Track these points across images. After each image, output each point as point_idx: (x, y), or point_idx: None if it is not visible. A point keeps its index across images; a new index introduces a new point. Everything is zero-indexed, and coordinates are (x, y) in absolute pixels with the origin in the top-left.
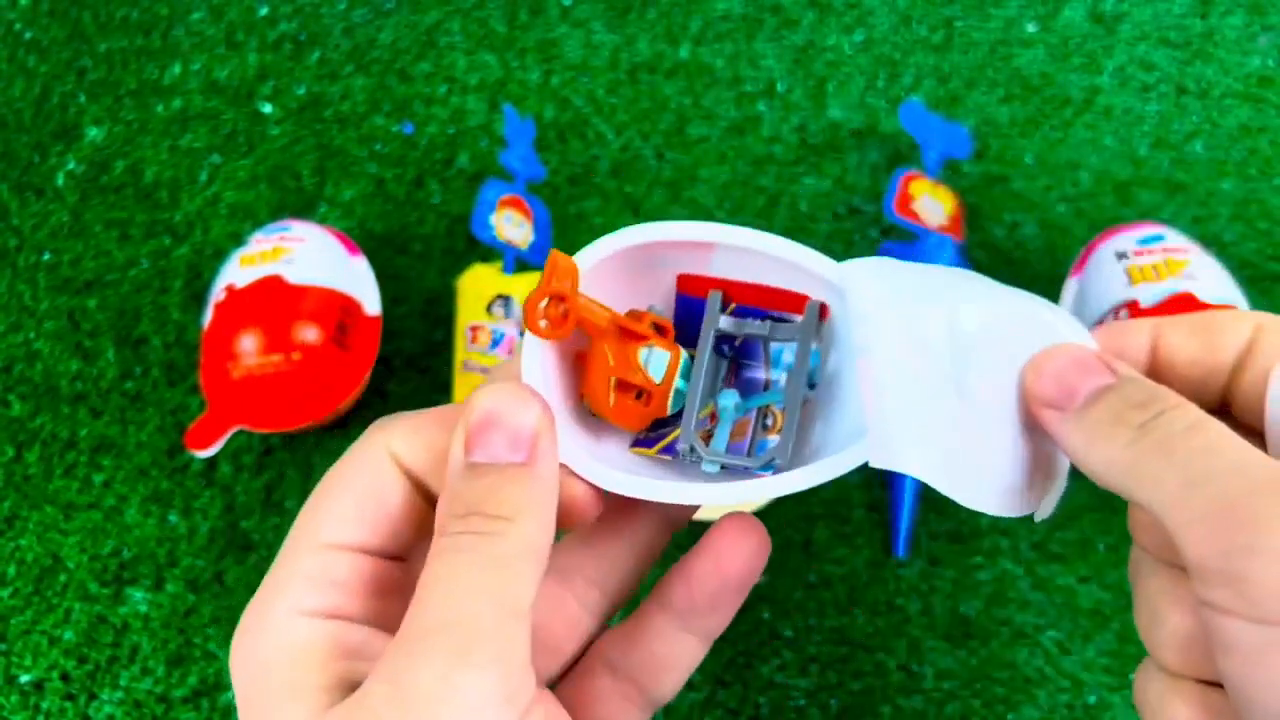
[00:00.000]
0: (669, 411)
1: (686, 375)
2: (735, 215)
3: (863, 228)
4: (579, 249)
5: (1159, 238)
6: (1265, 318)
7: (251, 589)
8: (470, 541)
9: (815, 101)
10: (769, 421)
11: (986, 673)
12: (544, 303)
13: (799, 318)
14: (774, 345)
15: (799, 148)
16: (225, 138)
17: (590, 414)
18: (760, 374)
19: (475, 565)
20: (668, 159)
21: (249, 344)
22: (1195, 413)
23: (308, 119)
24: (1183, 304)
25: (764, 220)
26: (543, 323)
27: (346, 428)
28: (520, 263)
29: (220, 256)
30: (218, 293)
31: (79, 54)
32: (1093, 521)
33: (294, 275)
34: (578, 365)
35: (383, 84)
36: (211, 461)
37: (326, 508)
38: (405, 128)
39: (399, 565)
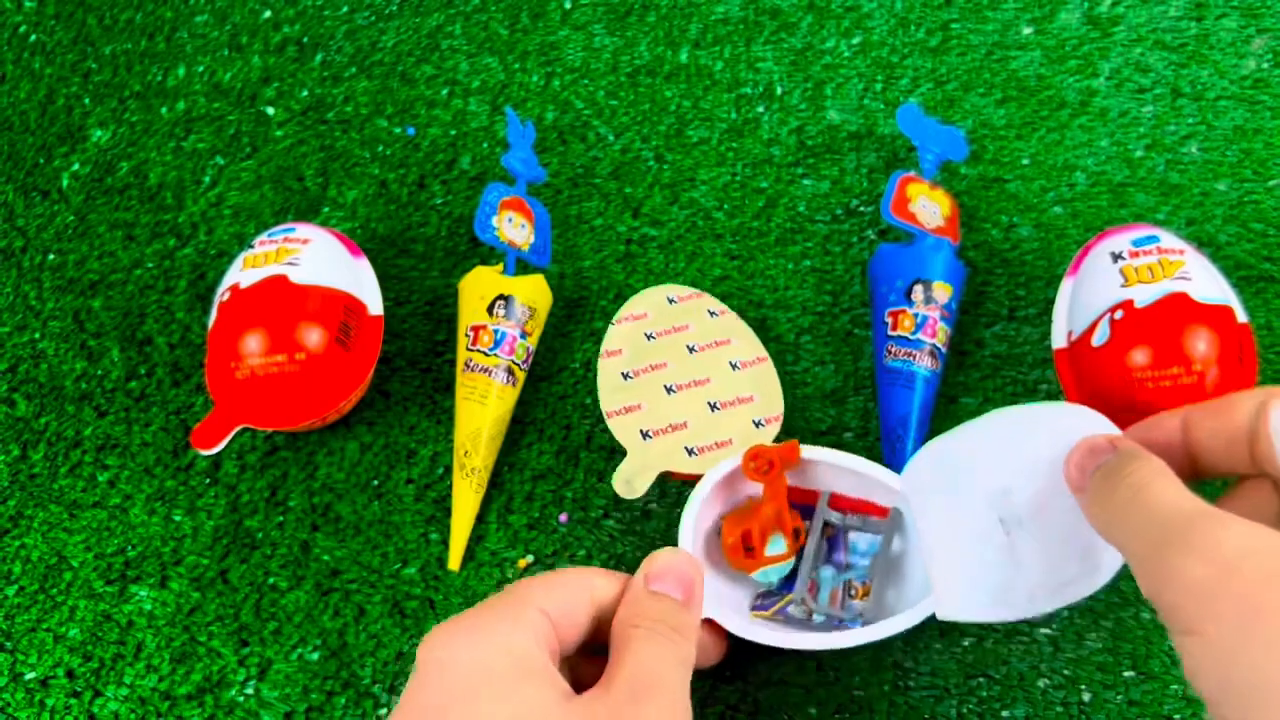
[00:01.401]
0: (753, 574)
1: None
2: (734, 217)
3: (860, 229)
4: (580, 249)
5: (1154, 239)
6: (1273, 391)
7: (256, 586)
8: (665, 633)
9: (813, 104)
10: (853, 591)
11: (980, 670)
12: (754, 463)
13: (874, 517)
14: (851, 536)
15: (797, 150)
16: (229, 140)
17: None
18: (841, 557)
19: (673, 658)
20: (667, 161)
21: (253, 344)
22: (1148, 471)
23: (311, 121)
24: (1177, 304)
25: (762, 221)
26: (752, 464)
27: (350, 426)
28: (521, 264)
29: (224, 258)
30: (222, 293)
31: (84, 57)
32: None
33: (298, 276)
34: (711, 536)
35: (385, 87)
36: (216, 460)
37: (547, 588)
38: (408, 130)
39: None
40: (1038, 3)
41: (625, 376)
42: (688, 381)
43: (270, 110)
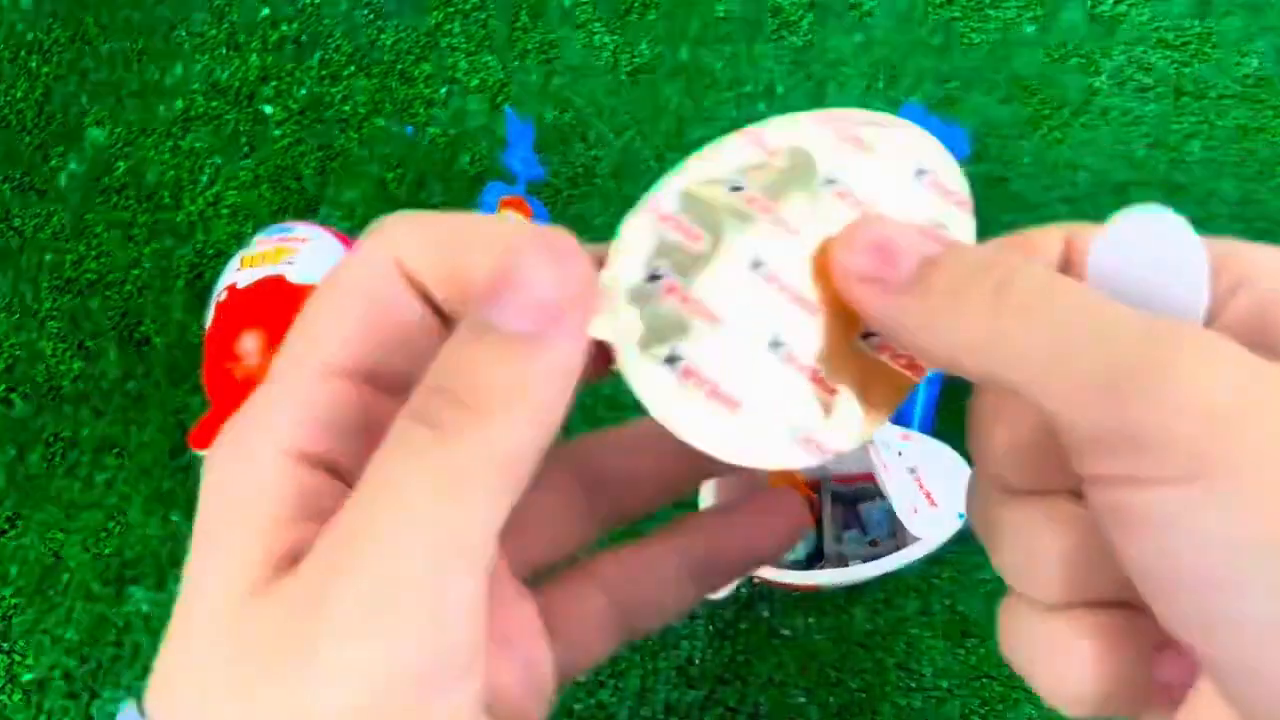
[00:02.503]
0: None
1: None
2: None
3: None
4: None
5: None
6: (1077, 228)
7: None
8: (422, 437)
9: (815, 103)
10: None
11: (985, 671)
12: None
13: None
14: (863, 507)
15: None
16: (227, 139)
17: None
18: (857, 532)
19: (418, 476)
20: (668, 160)
21: (251, 344)
22: (1047, 269)
23: (309, 120)
24: None
25: None
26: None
27: None
28: None
29: (222, 257)
30: (219, 293)
31: (81, 55)
32: None
33: (295, 276)
34: None
35: (384, 85)
36: None
37: (326, 324)
38: (407, 129)
39: (388, 388)
40: (1040, 1)
41: None
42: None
43: (268, 109)
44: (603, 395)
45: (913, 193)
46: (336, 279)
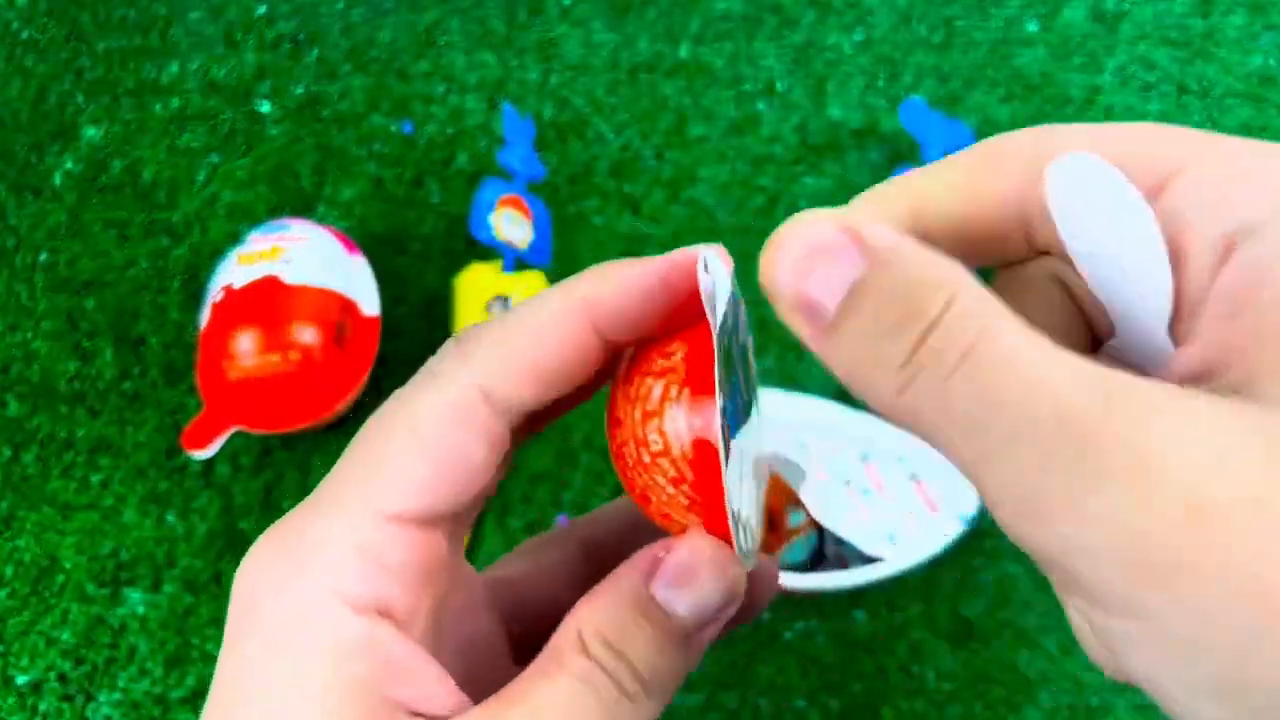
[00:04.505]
0: (777, 552)
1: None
2: (735, 215)
3: None
4: (579, 249)
5: None
6: (1045, 136)
7: None
8: (611, 695)
9: (815, 101)
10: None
11: (988, 674)
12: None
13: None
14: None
15: (799, 147)
16: (224, 137)
17: None
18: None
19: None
20: (667, 158)
21: (246, 344)
22: (973, 320)
23: (306, 118)
24: None
25: (764, 220)
26: None
27: (346, 428)
28: (519, 262)
29: (219, 256)
30: (215, 292)
31: (77, 53)
32: None
33: (291, 275)
34: None
35: (381, 83)
36: (210, 462)
37: (394, 465)
38: (404, 127)
39: (444, 531)
40: None
41: None
42: None
43: (265, 107)
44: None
45: None
46: (414, 410)
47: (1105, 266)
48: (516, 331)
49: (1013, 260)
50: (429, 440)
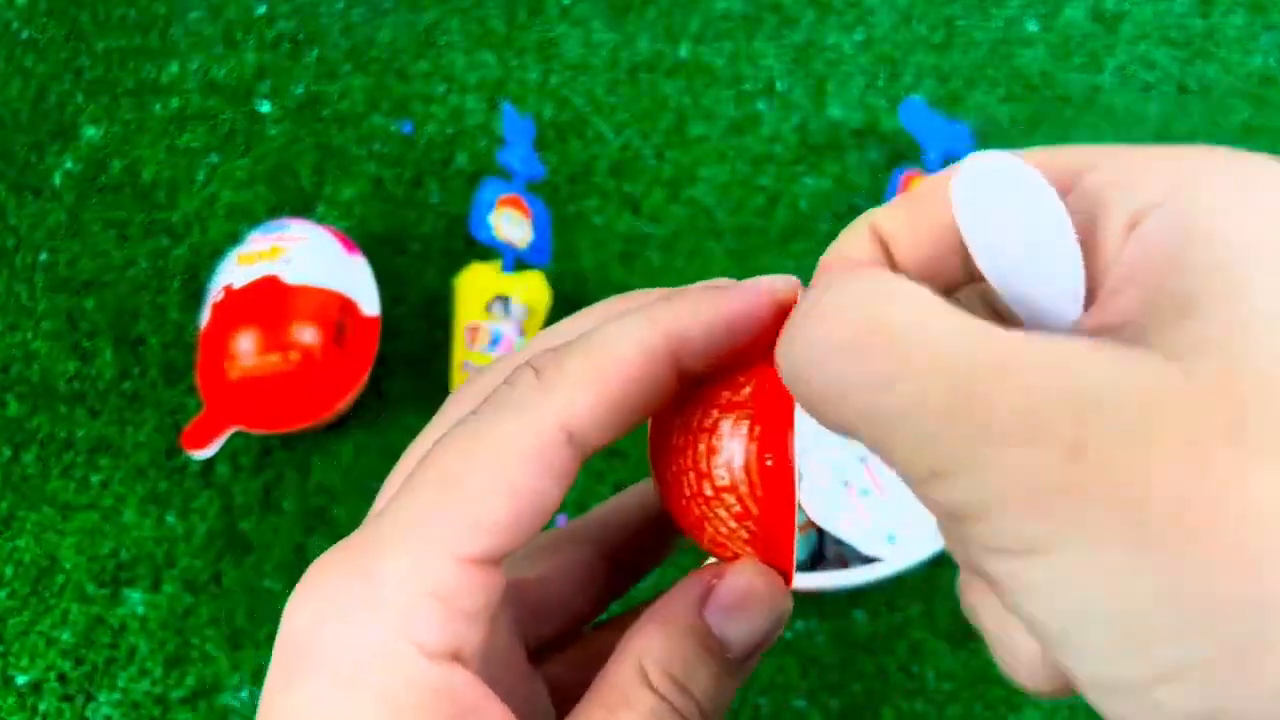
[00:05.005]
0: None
1: None
2: (735, 214)
3: None
4: (579, 249)
5: None
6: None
7: (250, 590)
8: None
9: (815, 100)
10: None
11: (988, 674)
12: None
13: None
14: None
15: (799, 147)
16: (223, 137)
17: None
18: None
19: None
20: (667, 158)
21: (246, 344)
22: (894, 288)
23: (306, 118)
24: None
25: (764, 219)
26: None
27: (346, 428)
28: (519, 262)
29: (219, 256)
30: (215, 292)
31: (76, 53)
32: None
33: (291, 275)
34: None
35: (381, 83)
36: (210, 462)
37: (473, 506)
38: (404, 127)
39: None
40: None
41: None
42: None
43: (265, 107)
44: None
45: None
46: (495, 446)
47: (1012, 262)
48: (600, 363)
49: (953, 288)
50: (513, 483)
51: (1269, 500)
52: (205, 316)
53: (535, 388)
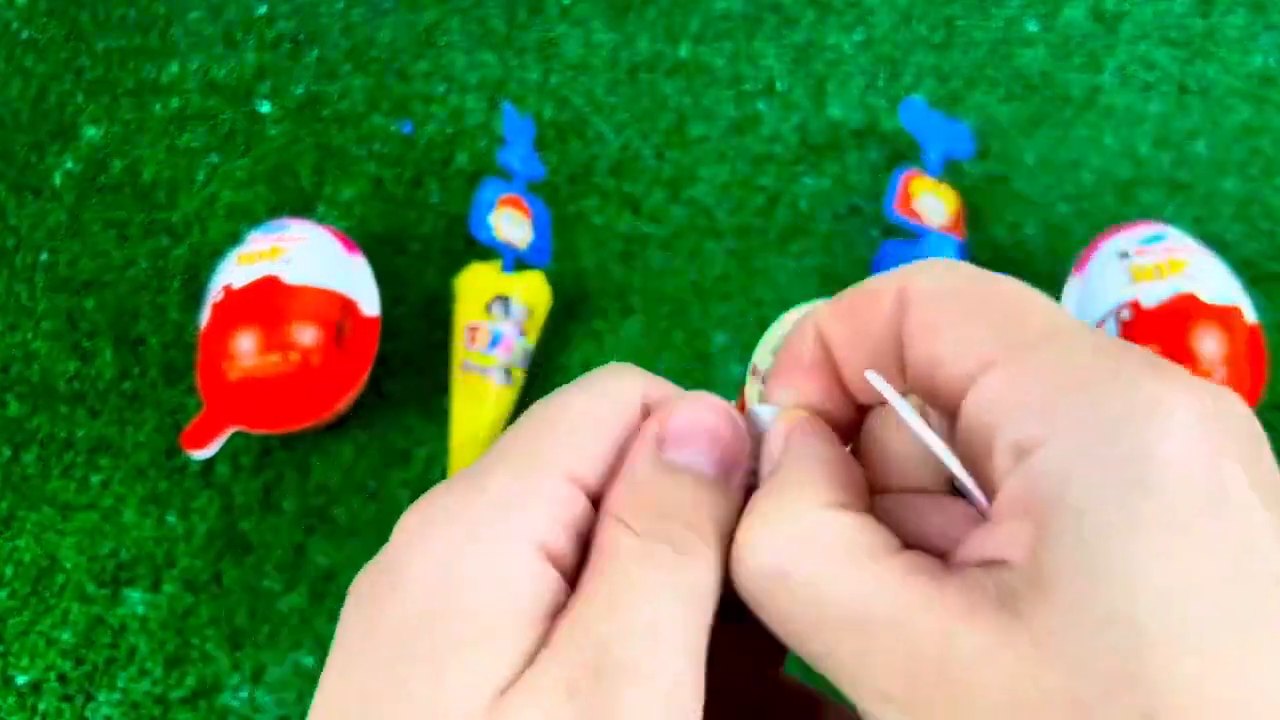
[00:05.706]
0: None
1: None
2: (735, 215)
3: (863, 227)
4: (579, 249)
5: (1160, 237)
6: (910, 277)
7: (250, 590)
8: (666, 556)
9: (815, 100)
10: None
11: None
12: None
13: None
14: None
15: (799, 147)
16: (223, 137)
17: None
18: None
19: (670, 589)
20: (667, 158)
21: (246, 344)
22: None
23: (306, 118)
24: (1184, 304)
25: (764, 219)
26: None
27: (345, 428)
28: (519, 262)
29: (219, 256)
30: (215, 292)
31: (77, 53)
32: None
33: (291, 275)
34: None
35: (381, 83)
36: (209, 462)
37: (573, 436)
38: (404, 127)
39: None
40: None
41: None
42: None
43: (265, 107)
44: None
45: None
46: (585, 397)
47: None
48: (665, 383)
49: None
50: (604, 422)
51: None
52: (205, 316)
53: (620, 370)
